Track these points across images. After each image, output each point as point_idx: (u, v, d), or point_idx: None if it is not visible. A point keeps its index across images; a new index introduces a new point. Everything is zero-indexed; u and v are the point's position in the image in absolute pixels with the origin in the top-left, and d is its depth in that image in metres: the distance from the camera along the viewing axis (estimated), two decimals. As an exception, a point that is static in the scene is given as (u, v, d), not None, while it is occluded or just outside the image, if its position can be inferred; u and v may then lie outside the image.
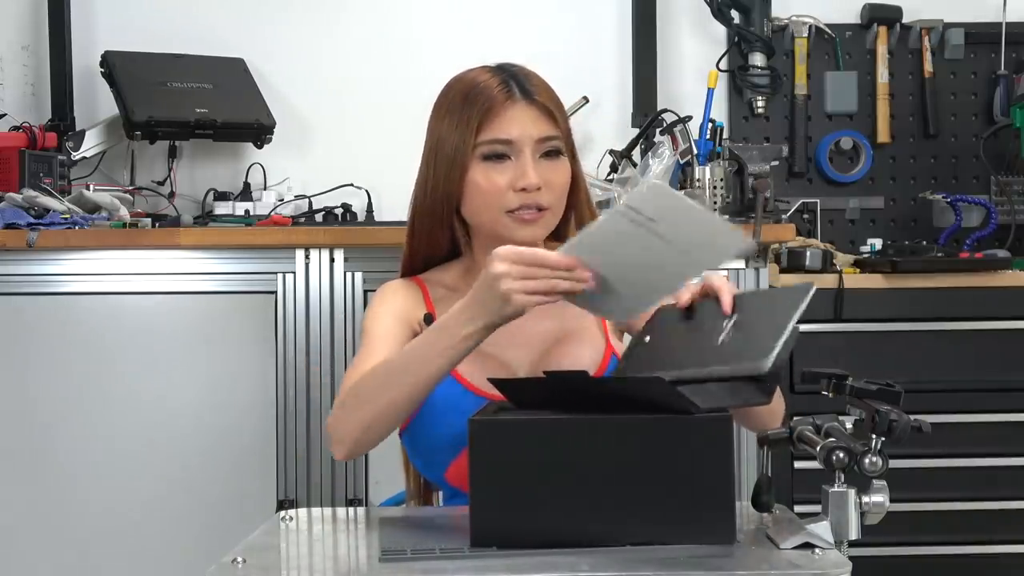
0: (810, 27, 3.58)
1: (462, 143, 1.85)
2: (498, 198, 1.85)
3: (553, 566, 1.39)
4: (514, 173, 1.84)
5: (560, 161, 1.88)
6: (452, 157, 1.86)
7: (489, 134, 1.85)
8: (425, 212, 1.92)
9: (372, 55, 3.56)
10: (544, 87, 1.90)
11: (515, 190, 1.84)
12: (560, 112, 1.90)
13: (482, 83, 1.87)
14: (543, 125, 1.86)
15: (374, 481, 2.90)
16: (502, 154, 1.85)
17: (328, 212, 3.35)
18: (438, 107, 1.91)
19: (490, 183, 1.85)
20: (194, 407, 2.92)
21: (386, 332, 1.88)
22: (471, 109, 1.85)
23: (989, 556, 3.01)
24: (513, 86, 1.87)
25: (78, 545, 2.90)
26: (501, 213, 1.85)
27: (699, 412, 1.48)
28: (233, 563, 1.44)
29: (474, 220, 1.90)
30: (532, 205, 1.85)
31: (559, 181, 1.88)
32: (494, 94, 1.85)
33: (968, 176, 3.60)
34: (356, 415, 1.74)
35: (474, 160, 1.85)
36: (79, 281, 2.93)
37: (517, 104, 1.86)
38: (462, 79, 1.91)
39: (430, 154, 1.90)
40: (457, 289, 1.95)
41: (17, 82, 3.54)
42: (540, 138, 1.86)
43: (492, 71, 1.90)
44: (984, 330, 3.03)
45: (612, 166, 3.34)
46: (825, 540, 1.45)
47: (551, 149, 1.87)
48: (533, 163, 1.85)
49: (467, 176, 1.86)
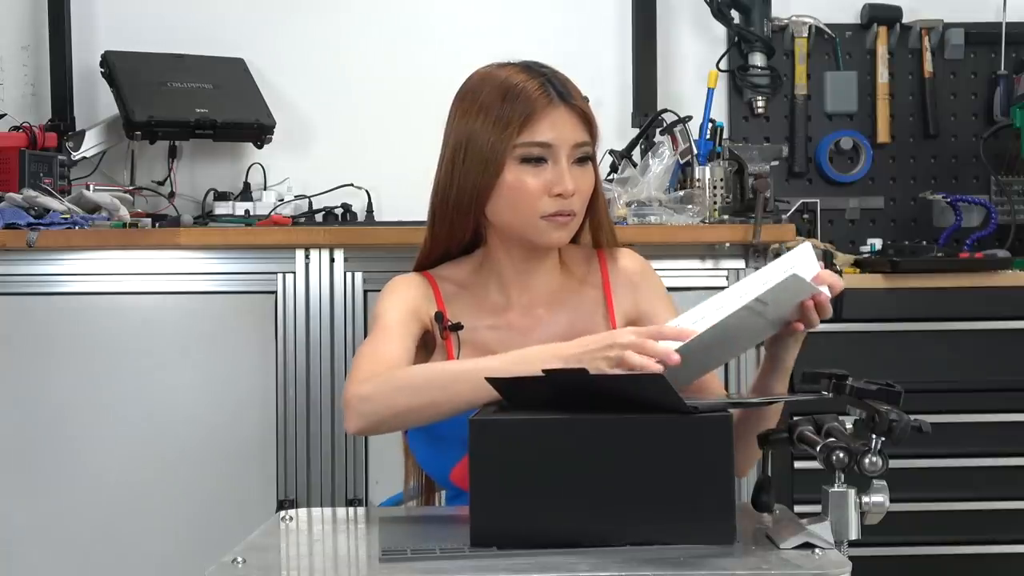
0: (810, 27, 3.58)
1: (500, 143, 1.84)
2: (532, 202, 1.85)
3: (553, 566, 1.39)
4: (550, 177, 1.85)
5: (588, 168, 1.90)
6: (487, 155, 1.85)
7: (529, 136, 1.85)
8: (450, 206, 1.91)
9: (372, 55, 3.56)
10: (578, 91, 1.90)
11: (551, 195, 1.85)
12: (592, 118, 1.91)
13: (520, 83, 1.86)
14: (580, 131, 1.87)
15: (374, 481, 2.90)
16: (539, 157, 1.85)
17: (328, 212, 3.35)
18: (468, 103, 1.90)
19: (525, 186, 1.85)
20: (194, 407, 2.92)
21: (401, 322, 1.87)
22: (511, 109, 1.84)
23: (989, 556, 3.01)
24: (551, 89, 1.86)
25: (78, 544, 2.90)
26: (534, 216, 1.86)
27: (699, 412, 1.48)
28: (233, 563, 1.44)
29: (500, 220, 1.90)
30: (567, 211, 1.86)
31: (587, 187, 1.89)
32: (535, 96, 1.85)
33: (968, 176, 3.60)
34: (394, 397, 1.72)
35: (509, 161, 1.85)
36: (79, 281, 2.93)
37: (558, 108, 1.86)
38: (494, 76, 1.89)
39: (458, 149, 1.89)
40: (467, 287, 1.95)
41: (17, 82, 3.54)
42: (576, 143, 1.87)
43: (526, 71, 1.89)
44: (984, 330, 3.03)
45: (612, 166, 3.34)
46: (825, 540, 1.45)
47: (583, 156, 1.88)
48: (568, 168, 1.85)
49: (501, 176, 1.86)
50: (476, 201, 1.88)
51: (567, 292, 1.96)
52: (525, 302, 1.93)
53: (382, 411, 1.72)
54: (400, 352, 1.82)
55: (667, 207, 3.00)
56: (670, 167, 3.11)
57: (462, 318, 1.90)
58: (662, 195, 3.04)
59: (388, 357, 1.79)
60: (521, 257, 1.93)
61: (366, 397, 1.73)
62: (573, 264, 1.99)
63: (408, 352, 1.84)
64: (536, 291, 1.94)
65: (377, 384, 1.74)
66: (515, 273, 1.94)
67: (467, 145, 1.87)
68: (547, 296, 1.94)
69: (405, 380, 1.74)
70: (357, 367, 1.80)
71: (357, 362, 1.81)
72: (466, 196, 1.89)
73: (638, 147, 3.37)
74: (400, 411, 1.72)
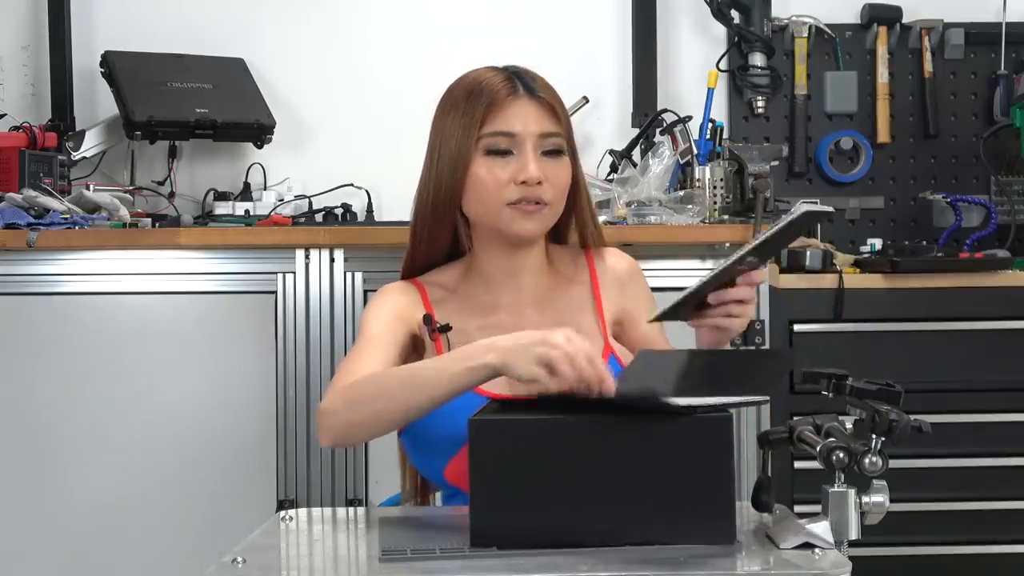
0: (810, 27, 3.58)
1: (465, 138, 1.87)
2: (499, 191, 1.86)
3: (553, 566, 1.39)
4: (516, 166, 1.86)
5: (562, 160, 1.90)
6: (455, 153, 1.88)
7: (491, 127, 1.86)
8: (428, 211, 1.93)
9: (372, 55, 3.56)
10: (547, 86, 1.92)
11: (516, 183, 1.85)
12: (562, 110, 1.92)
13: (486, 80, 1.89)
14: (545, 121, 1.88)
15: (374, 481, 2.90)
16: (505, 149, 1.86)
17: (328, 212, 3.35)
18: (442, 106, 1.93)
19: (491, 176, 1.86)
20: (194, 407, 2.92)
21: (381, 332, 1.88)
22: (474, 104, 1.87)
23: (989, 556, 3.01)
24: (516, 82, 1.89)
25: (78, 545, 2.90)
26: (501, 206, 1.86)
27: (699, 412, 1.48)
28: (233, 563, 1.44)
29: (475, 214, 1.91)
30: (532, 198, 1.86)
31: (561, 179, 1.89)
32: (497, 89, 1.87)
33: (968, 176, 3.60)
34: (350, 412, 1.74)
35: (476, 154, 1.87)
36: (79, 281, 2.93)
37: (520, 99, 1.88)
38: (466, 78, 1.93)
39: (433, 152, 1.92)
40: (456, 290, 1.95)
41: (17, 82, 3.54)
42: (542, 133, 1.87)
43: (496, 69, 1.93)
44: (984, 330, 3.03)
45: (612, 166, 3.34)
46: (825, 540, 1.45)
47: (553, 148, 1.88)
48: (535, 158, 1.86)
49: (469, 171, 1.87)
50: (451, 201, 1.90)
51: (556, 291, 1.97)
52: (514, 302, 1.94)
53: (341, 426, 1.75)
54: (376, 360, 1.82)
55: (667, 207, 3.00)
56: (670, 167, 3.11)
57: (451, 321, 1.91)
58: (662, 195, 3.04)
59: (361, 369, 1.80)
60: (505, 257, 1.93)
61: (325, 412, 1.76)
62: (561, 264, 2.00)
63: (386, 358, 1.84)
64: (524, 291, 1.95)
65: (339, 400, 1.75)
66: (502, 274, 1.94)
67: (440, 146, 1.90)
68: (535, 296, 1.95)
69: (361, 393, 1.74)
70: (332, 381, 1.83)
71: (335, 375, 1.84)
72: (441, 197, 1.90)
73: (638, 147, 3.37)
74: (358, 423, 1.74)
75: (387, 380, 1.75)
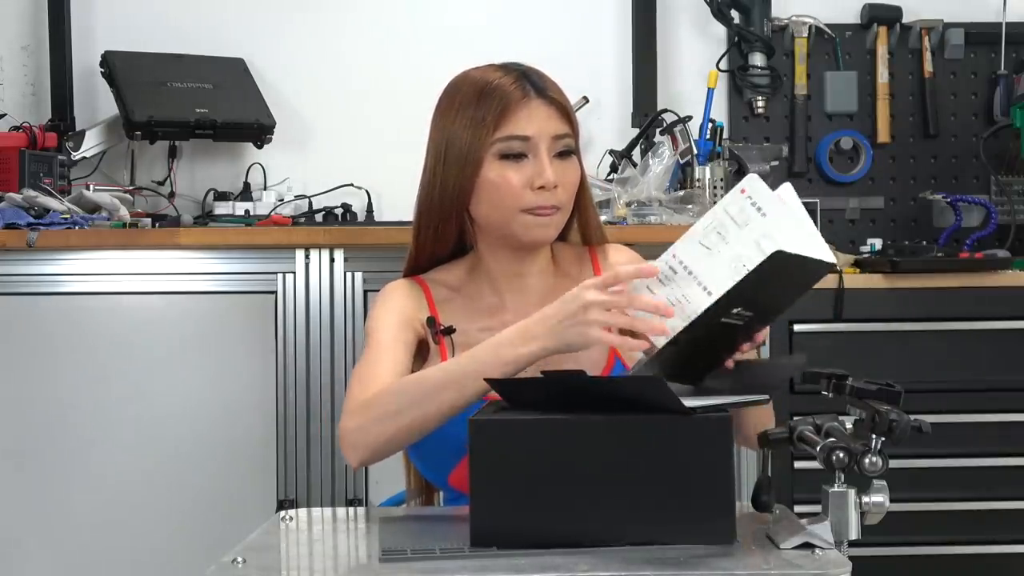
0: (810, 27, 3.58)
1: (476, 140, 1.84)
2: (514, 197, 1.84)
3: (553, 566, 1.39)
4: (531, 171, 1.84)
5: (572, 161, 1.88)
6: (465, 155, 1.85)
7: (506, 131, 1.84)
8: (433, 210, 1.91)
9: (372, 55, 3.56)
10: (555, 85, 1.90)
11: (532, 188, 1.84)
12: (571, 111, 1.90)
13: (495, 81, 1.86)
14: (558, 123, 1.86)
15: (374, 481, 2.90)
16: (519, 153, 1.84)
17: (328, 212, 3.35)
18: (447, 105, 1.90)
19: (506, 181, 1.84)
20: (194, 407, 2.92)
21: (393, 337, 1.86)
22: (486, 106, 1.84)
23: (989, 556, 3.01)
24: (527, 83, 1.86)
25: (78, 545, 2.90)
26: (516, 211, 1.84)
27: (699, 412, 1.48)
28: (233, 563, 1.44)
29: (485, 218, 1.89)
30: (548, 204, 1.85)
31: (572, 180, 1.88)
32: (509, 91, 1.84)
33: (968, 176, 3.60)
34: (380, 427, 1.72)
35: (488, 157, 1.84)
36: (79, 281, 2.93)
37: (533, 102, 1.85)
38: (471, 77, 1.89)
39: (438, 152, 1.88)
40: (460, 290, 1.94)
41: (17, 82, 3.54)
42: (556, 135, 1.86)
43: (502, 69, 1.89)
44: (984, 330, 3.03)
45: (612, 166, 3.34)
46: (825, 540, 1.45)
47: (565, 148, 1.87)
48: (550, 161, 1.85)
49: (480, 174, 1.85)
50: (458, 202, 1.88)
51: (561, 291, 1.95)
52: (519, 303, 1.92)
53: (372, 442, 1.73)
54: (391, 370, 1.81)
55: (667, 207, 3.00)
56: (670, 167, 3.11)
57: (455, 322, 1.90)
58: (662, 195, 3.04)
59: (378, 380, 1.78)
60: (511, 259, 1.92)
61: (355, 429, 1.74)
62: (566, 263, 1.98)
63: (400, 366, 1.83)
64: (530, 292, 1.93)
65: (364, 415, 1.74)
66: (507, 275, 1.93)
67: (446, 148, 1.87)
68: (541, 296, 1.93)
69: (388, 406, 1.73)
70: (349, 395, 1.80)
71: (350, 388, 1.82)
72: (448, 198, 1.88)
73: (638, 147, 3.37)
74: (392, 436, 1.73)
75: (418, 386, 1.73)
